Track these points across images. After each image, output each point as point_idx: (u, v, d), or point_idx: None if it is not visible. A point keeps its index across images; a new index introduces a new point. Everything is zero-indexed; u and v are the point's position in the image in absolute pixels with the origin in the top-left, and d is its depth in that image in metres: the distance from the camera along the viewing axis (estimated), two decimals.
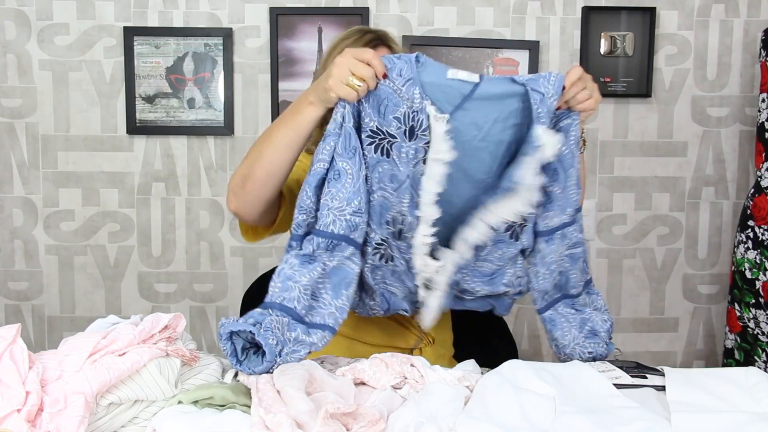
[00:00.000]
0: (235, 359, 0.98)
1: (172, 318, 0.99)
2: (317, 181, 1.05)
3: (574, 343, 1.15)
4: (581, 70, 1.07)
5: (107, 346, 0.91)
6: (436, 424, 0.87)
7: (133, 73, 2.10)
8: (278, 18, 2.09)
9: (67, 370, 0.88)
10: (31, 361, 0.89)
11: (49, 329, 2.20)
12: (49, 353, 0.94)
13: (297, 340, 1.01)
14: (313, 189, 1.05)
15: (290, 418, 0.81)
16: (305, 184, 1.06)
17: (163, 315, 0.99)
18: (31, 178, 2.14)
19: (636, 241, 2.22)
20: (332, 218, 1.04)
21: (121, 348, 0.91)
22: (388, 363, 1.02)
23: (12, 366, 0.85)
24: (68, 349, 0.91)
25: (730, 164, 2.20)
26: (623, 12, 2.12)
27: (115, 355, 0.90)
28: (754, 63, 2.16)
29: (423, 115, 1.02)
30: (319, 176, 1.04)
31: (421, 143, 1.04)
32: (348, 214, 1.04)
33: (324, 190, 1.04)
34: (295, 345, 1.01)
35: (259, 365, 0.96)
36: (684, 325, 2.26)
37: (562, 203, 1.12)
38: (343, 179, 1.03)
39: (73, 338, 0.94)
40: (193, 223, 2.17)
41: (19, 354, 0.87)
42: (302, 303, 1.02)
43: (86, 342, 0.91)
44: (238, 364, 0.98)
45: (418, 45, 2.10)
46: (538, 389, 0.96)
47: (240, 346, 0.99)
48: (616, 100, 2.16)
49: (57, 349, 0.95)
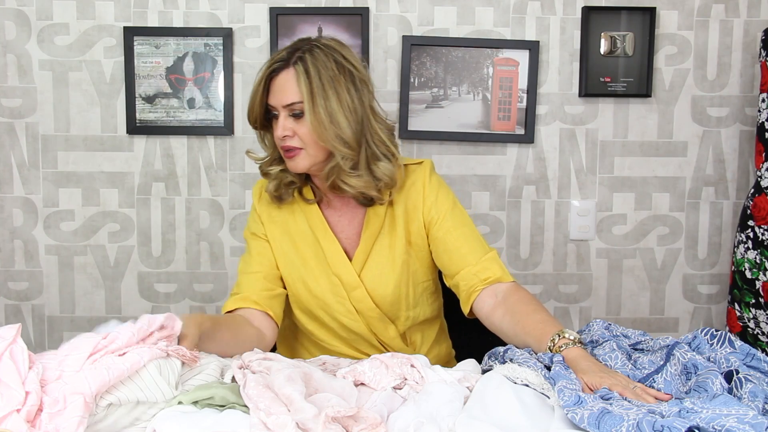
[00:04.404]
0: None
1: (166, 318, 0.99)
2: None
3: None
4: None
5: (107, 346, 0.91)
6: (436, 424, 0.87)
7: (133, 73, 2.10)
8: (278, 18, 2.09)
9: (67, 370, 0.88)
10: (31, 361, 0.89)
11: (49, 329, 2.20)
12: (50, 353, 0.94)
13: None
14: None
15: (294, 420, 0.81)
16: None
17: (157, 315, 0.99)
18: (31, 178, 2.14)
19: (636, 241, 2.22)
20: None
21: (121, 347, 0.91)
22: (388, 364, 1.02)
23: (12, 366, 0.85)
24: (68, 349, 0.91)
25: (730, 164, 2.20)
26: (623, 12, 2.12)
27: (115, 355, 0.90)
28: (754, 63, 2.16)
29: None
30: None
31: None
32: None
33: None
34: None
35: None
36: (684, 325, 2.25)
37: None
38: None
39: (74, 339, 0.94)
40: (193, 223, 2.17)
41: (19, 354, 0.87)
42: None
43: (86, 342, 0.91)
44: None
45: (418, 45, 2.10)
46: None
47: None
48: (616, 100, 2.16)
49: (57, 349, 0.95)
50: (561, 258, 2.21)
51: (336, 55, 1.31)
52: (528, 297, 1.30)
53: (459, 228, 1.39)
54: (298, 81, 1.27)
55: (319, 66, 1.28)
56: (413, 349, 1.47)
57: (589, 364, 1.04)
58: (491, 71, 2.12)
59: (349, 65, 1.31)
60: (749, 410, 0.81)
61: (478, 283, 1.33)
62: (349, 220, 1.43)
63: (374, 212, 1.41)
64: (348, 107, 1.29)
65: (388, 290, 1.39)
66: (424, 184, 1.41)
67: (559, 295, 2.23)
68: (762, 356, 1.04)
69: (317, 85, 1.27)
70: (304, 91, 1.27)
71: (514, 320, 1.24)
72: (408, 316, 1.43)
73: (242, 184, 2.16)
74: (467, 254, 1.36)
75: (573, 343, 1.10)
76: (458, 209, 1.42)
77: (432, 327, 1.51)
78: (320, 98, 1.27)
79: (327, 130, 1.27)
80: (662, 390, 1.00)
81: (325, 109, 1.27)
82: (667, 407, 0.87)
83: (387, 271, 1.39)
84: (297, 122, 1.30)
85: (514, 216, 2.19)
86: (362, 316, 1.41)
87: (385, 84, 2.13)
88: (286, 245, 1.42)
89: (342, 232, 1.43)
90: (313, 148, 1.31)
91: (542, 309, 1.26)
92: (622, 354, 1.11)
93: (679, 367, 1.03)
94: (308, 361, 1.14)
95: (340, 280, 1.39)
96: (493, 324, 1.30)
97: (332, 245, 1.40)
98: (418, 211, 1.40)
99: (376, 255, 1.40)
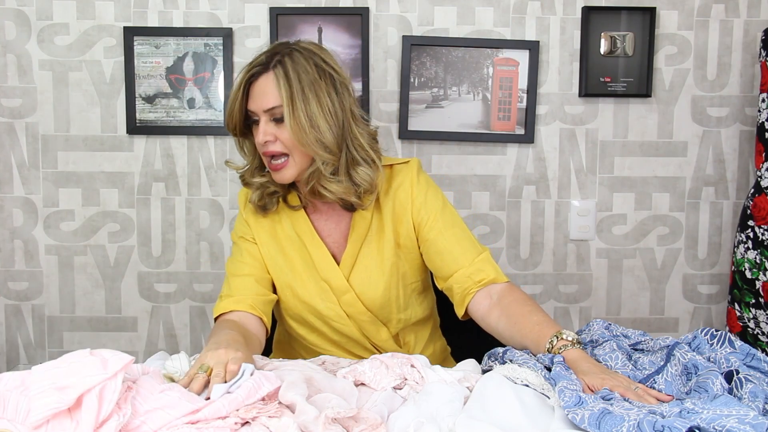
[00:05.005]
0: None
1: (275, 390, 0.91)
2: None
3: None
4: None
5: (199, 410, 0.84)
6: (436, 424, 0.87)
7: (133, 73, 2.10)
8: (278, 18, 2.09)
9: (148, 423, 0.82)
10: (128, 387, 0.83)
11: (49, 329, 2.20)
12: (154, 384, 0.87)
13: None
14: None
15: (295, 423, 0.81)
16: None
17: (265, 380, 0.91)
18: (31, 178, 2.14)
19: (636, 241, 2.22)
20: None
21: (206, 417, 0.84)
22: (388, 364, 1.02)
23: (94, 406, 0.78)
24: (165, 401, 0.84)
25: (730, 164, 2.20)
26: (623, 12, 2.12)
27: (195, 427, 0.82)
28: (754, 63, 2.16)
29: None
30: None
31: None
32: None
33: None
34: None
35: None
36: (684, 325, 2.26)
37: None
38: None
39: (180, 389, 0.87)
40: (193, 223, 2.17)
41: (109, 394, 0.80)
42: None
43: (181, 405, 0.84)
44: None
45: (418, 45, 2.10)
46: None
47: None
48: (616, 100, 2.16)
49: (154, 370, 0.90)
50: (561, 258, 2.21)
51: (316, 59, 1.29)
52: (524, 297, 1.29)
53: (450, 229, 1.37)
54: (278, 85, 1.25)
55: (299, 70, 1.26)
56: (407, 349, 1.47)
57: (590, 366, 1.04)
58: (491, 71, 2.12)
59: (330, 69, 1.30)
60: (750, 410, 0.82)
61: (472, 285, 1.32)
62: (335, 224, 1.41)
63: (360, 216, 1.39)
64: (329, 111, 1.27)
65: (378, 293, 1.38)
66: (412, 184, 1.38)
67: (559, 295, 2.23)
68: (762, 356, 1.04)
69: (297, 89, 1.25)
70: (284, 95, 1.25)
71: (510, 322, 1.24)
72: (399, 318, 1.42)
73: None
74: (459, 256, 1.34)
75: (571, 344, 1.09)
76: (448, 209, 1.40)
77: (425, 327, 1.51)
78: (300, 102, 1.25)
79: (307, 134, 1.25)
80: (663, 391, 1.00)
81: (305, 113, 1.25)
82: (667, 408, 0.87)
83: (376, 274, 1.38)
84: (278, 127, 1.27)
85: (514, 216, 2.19)
86: (353, 320, 1.39)
87: (385, 84, 2.13)
88: (273, 251, 1.41)
89: (329, 237, 1.41)
90: (297, 155, 1.29)
91: (539, 310, 1.25)
92: (623, 354, 1.11)
93: (679, 368, 1.03)
94: (308, 360, 1.14)
95: (329, 285, 1.38)
96: (489, 326, 1.30)
97: (319, 250, 1.39)
98: (406, 212, 1.38)
99: (364, 258, 1.38)
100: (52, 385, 0.79)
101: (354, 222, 1.39)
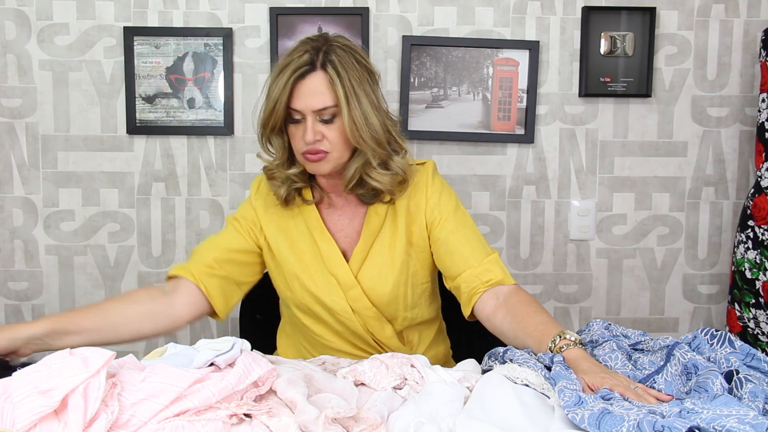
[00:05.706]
0: None
1: (266, 373, 0.91)
2: None
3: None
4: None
5: (187, 396, 0.84)
6: (436, 424, 0.87)
7: (133, 73, 2.10)
8: (278, 18, 2.09)
9: (137, 416, 0.82)
10: (113, 384, 0.83)
11: None
12: (133, 374, 0.87)
13: None
14: None
15: (296, 422, 0.81)
16: None
17: (255, 364, 0.90)
18: (31, 178, 2.14)
19: (636, 241, 2.22)
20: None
21: (196, 406, 0.84)
22: (388, 364, 1.02)
23: (80, 405, 0.78)
24: (148, 390, 0.84)
25: (730, 164, 2.20)
26: (623, 12, 2.12)
27: (187, 417, 0.82)
28: (754, 63, 2.16)
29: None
30: None
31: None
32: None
33: None
34: None
35: None
36: (684, 325, 2.26)
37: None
38: None
39: (161, 372, 0.87)
40: (193, 223, 2.17)
41: (93, 391, 0.80)
42: None
43: (168, 390, 0.84)
44: None
45: (418, 45, 2.10)
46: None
47: None
48: (616, 100, 2.16)
49: (144, 367, 0.89)
50: (561, 258, 2.21)
51: (356, 55, 1.30)
52: (529, 299, 1.30)
53: (461, 230, 1.39)
54: (333, 85, 1.26)
55: (347, 68, 1.27)
56: (410, 348, 1.48)
57: (590, 365, 1.04)
58: (491, 71, 2.12)
59: (366, 62, 1.32)
60: (750, 411, 0.81)
61: (479, 285, 1.33)
62: (349, 219, 1.43)
63: (375, 211, 1.40)
64: (375, 106, 1.30)
65: (386, 289, 1.39)
66: (427, 184, 1.41)
67: (559, 295, 2.23)
68: (762, 356, 1.04)
69: (349, 87, 1.26)
70: (340, 94, 1.25)
71: (515, 321, 1.24)
72: (405, 316, 1.43)
73: (242, 184, 2.16)
74: (469, 256, 1.36)
75: (574, 344, 1.10)
76: (461, 211, 1.42)
77: (430, 328, 1.51)
78: (354, 101, 1.26)
79: (364, 132, 1.28)
80: (663, 390, 1.00)
81: (360, 111, 1.27)
82: (667, 407, 0.87)
83: (386, 270, 1.39)
84: (326, 126, 1.29)
85: (514, 216, 2.19)
86: (358, 315, 1.41)
87: (385, 84, 2.13)
88: (281, 241, 1.42)
89: (341, 231, 1.43)
90: (339, 151, 1.31)
91: (543, 311, 1.26)
92: (622, 354, 1.11)
93: (679, 368, 1.03)
94: (308, 360, 1.14)
95: (337, 280, 1.40)
96: (494, 326, 1.30)
97: (329, 245, 1.40)
98: (420, 211, 1.40)
99: (374, 254, 1.40)
100: (34, 390, 0.79)
101: (368, 217, 1.41)
